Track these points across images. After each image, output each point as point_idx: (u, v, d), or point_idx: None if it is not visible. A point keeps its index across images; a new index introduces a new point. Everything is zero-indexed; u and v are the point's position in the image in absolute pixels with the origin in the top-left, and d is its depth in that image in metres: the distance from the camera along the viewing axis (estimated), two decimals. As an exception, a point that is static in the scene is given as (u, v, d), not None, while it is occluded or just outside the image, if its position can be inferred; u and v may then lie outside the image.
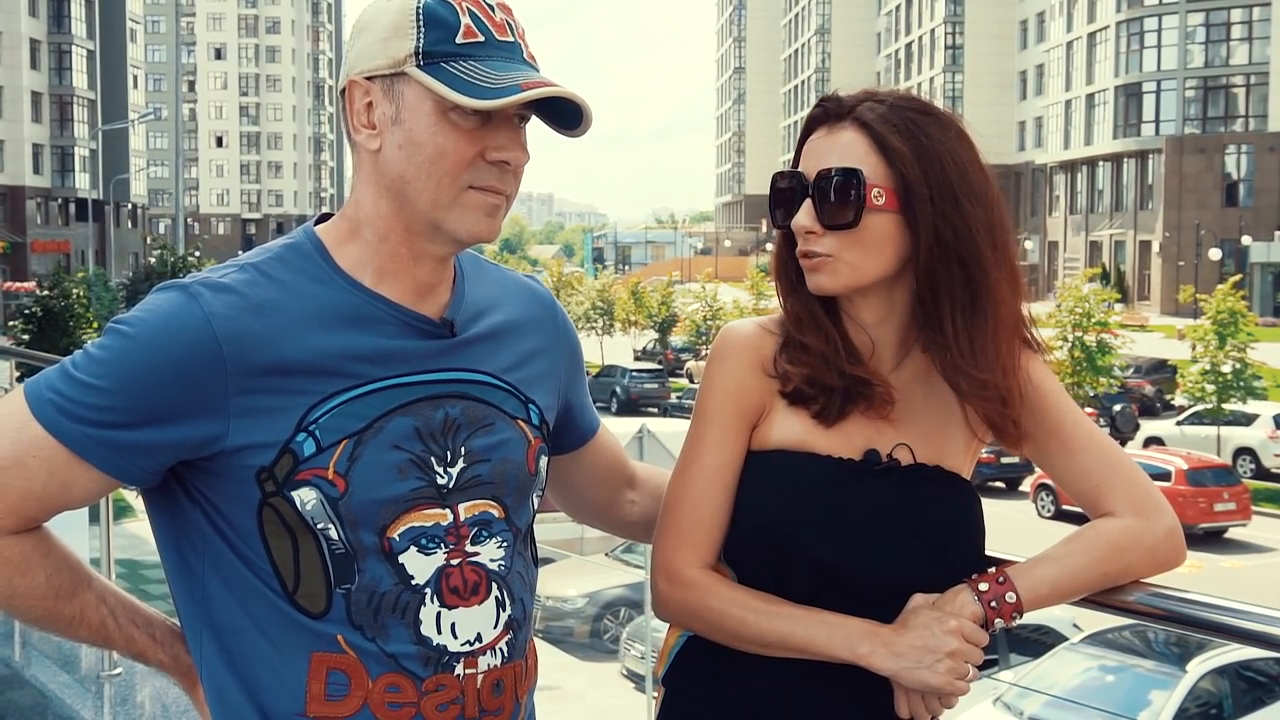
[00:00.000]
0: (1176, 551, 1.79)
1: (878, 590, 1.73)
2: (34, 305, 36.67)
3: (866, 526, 1.74)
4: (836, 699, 1.76)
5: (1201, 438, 31.62)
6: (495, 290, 1.79)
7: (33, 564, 1.60)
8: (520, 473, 1.71)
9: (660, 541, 1.85)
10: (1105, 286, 41.47)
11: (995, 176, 1.81)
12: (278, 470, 1.56)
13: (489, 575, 1.66)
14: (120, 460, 1.54)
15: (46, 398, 1.54)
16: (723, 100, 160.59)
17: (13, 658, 4.94)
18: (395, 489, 1.59)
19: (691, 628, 1.83)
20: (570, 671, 14.48)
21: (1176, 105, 67.86)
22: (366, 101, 1.61)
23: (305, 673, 1.59)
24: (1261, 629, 1.69)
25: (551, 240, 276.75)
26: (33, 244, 71.03)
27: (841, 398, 1.77)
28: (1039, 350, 1.86)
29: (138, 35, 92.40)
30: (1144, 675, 12.28)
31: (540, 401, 1.77)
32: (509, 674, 1.69)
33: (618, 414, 40.35)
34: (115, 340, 1.54)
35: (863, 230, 1.73)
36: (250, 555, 1.59)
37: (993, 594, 1.70)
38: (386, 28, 1.59)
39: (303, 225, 1.71)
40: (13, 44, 71.19)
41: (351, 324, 1.60)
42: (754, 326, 1.86)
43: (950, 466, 1.81)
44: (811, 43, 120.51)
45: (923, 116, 1.75)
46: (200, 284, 1.57)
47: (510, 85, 1.55)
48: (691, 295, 57.70)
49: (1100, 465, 1.81)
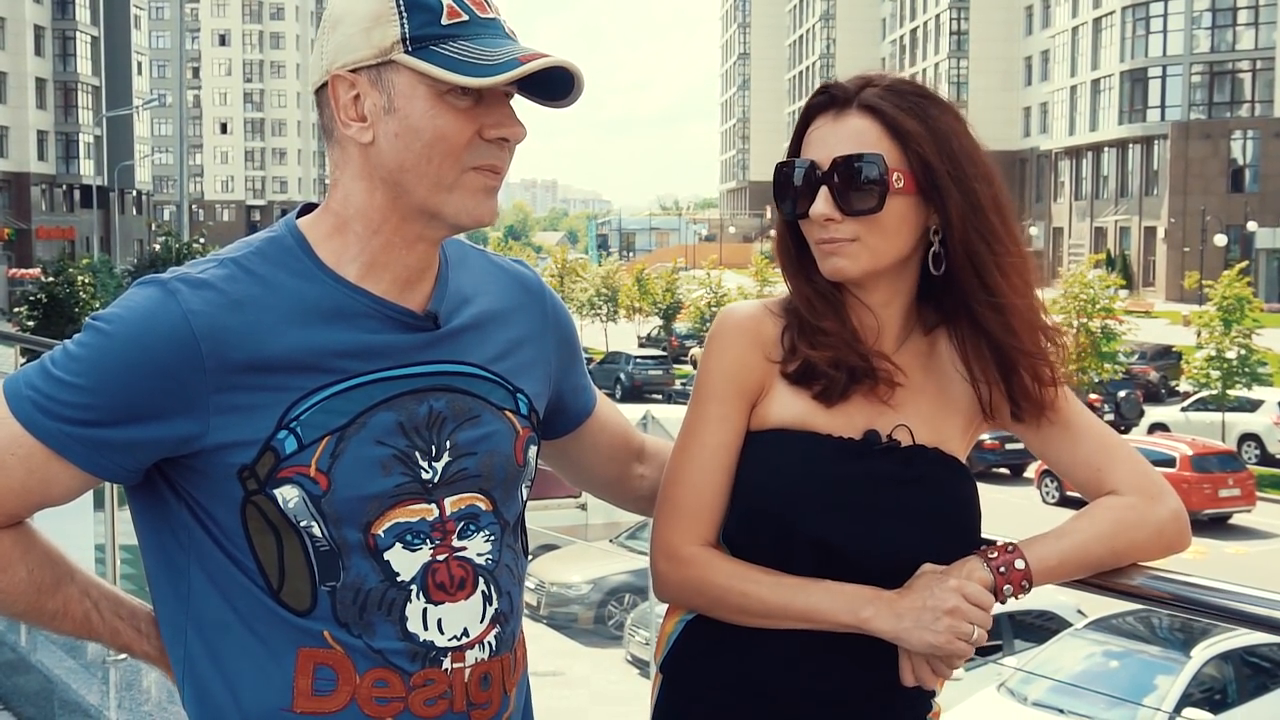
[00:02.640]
0: (1182, 534, 1.80)
1: (877, 569, 1.73)
2: (39, 292, 36.78)
3: (866, 505, 1.75)
4: (836, 682, 1.77)
5: (1206, 424, 31.60)
6: (480, 277, 1.77)
7: (13, 560, 1.61)
8: (508, 465, 1.70)
9: (659, 521, 1.85)
10: (1110, 273, 41.35)
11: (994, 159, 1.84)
12: (259, 468, 1.54)
13: (475, 570, 1.65)
14: (99, 458, 1.54)
15: (25, 395, 1.53)
16: (727, 86, 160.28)
17: (19, 643, 4.95)
18: (379, 485, 1.57)
19: (694, 605, 1.83)
20: (574, 658, 14.49)
21: (1182, 91, 67.67)
22: (353, 94, 1.57)
23: (292, 668, 1.58)
24: (1266, 613, 1.70)
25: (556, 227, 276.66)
26: (37, 230, 71.11)
27: (847, 378, 1.78)
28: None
29: (142, 21, 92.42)
30: (1148, 661, 12.28)
31: (529, 390, 1.76)
32: (496, 667, 1.68)
33: (622, 400, 40.30)
34: (93, 338, 1.53)
35: (884, 214, 1.75)
36: (235, 553, 1.58)
37: (1002, 560, 1.71)
38: (365, 17, 1.56)
39: (284, 218, 1.68)
40: (17, 30, 71.20)
41: (332, 319, 1.58)
42: (754, 307, 1.87)
43: (948, 449, 1.82)
44: (816, 28, 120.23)
45: (924, 99, 1.78)
46: (179, 280, 1.55)
47: (508, 60, 1.53)
48: (696, 282, 57.54)
49: (1102, 452, 1.82)
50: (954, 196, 1.75)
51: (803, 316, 1.82)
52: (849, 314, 1.82)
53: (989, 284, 1.78)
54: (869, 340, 1.81)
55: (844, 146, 1.76)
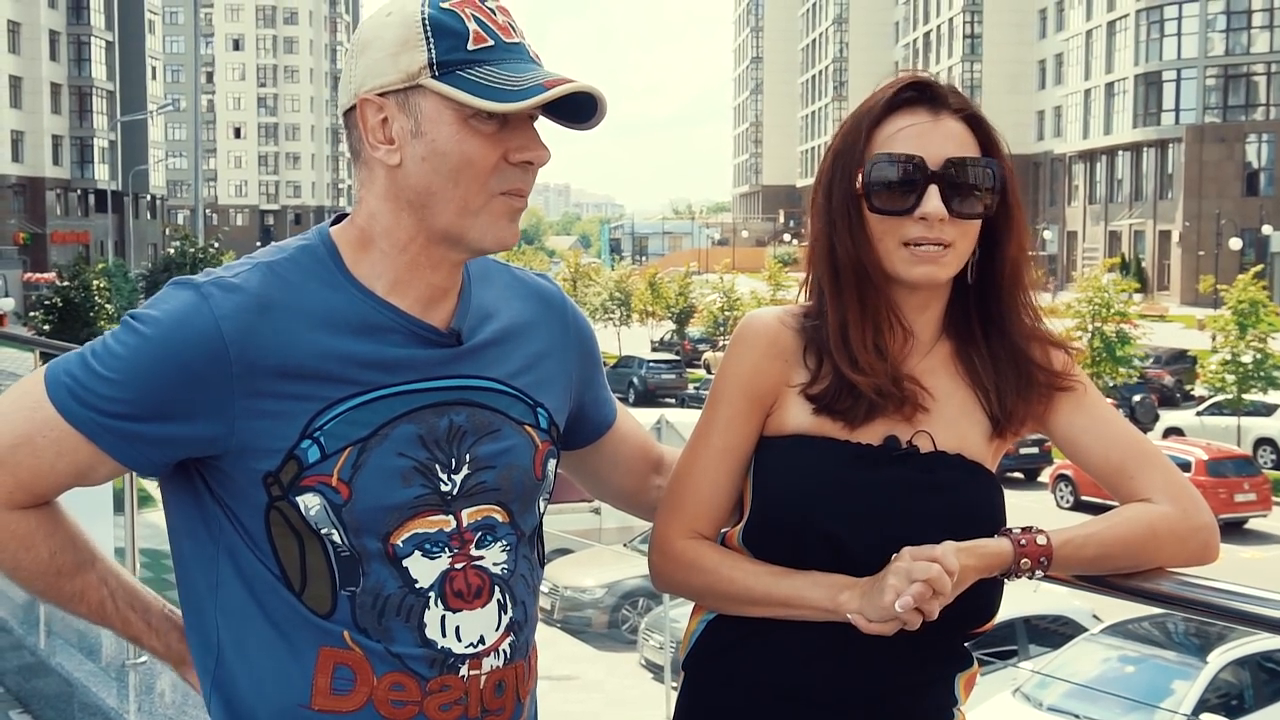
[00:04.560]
0: (1206, 548, 1.78)
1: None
2: (54, 296, 36.89)
3: (884, 511, 1.74)
4: (859, 681, 1.76)
5: (1221, 428, 31.50)
6: (502, 293, 1.79)
7: (37, 540, 1.66)
8: (526, 478, 1.72)
9: (659, 515, 1.89)
10: (1124, 276, 41.25)
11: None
12: (283, 475, 1.58)
13: (492, 579, 1.68)
14: (127, 448, 1.59)
15: (63, 381, 1.58)
16: (740, 90, 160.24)
17: (38, 645, 4.97)
18: (399, 496, 1.61)
19: (684, 594, 1.87)
20: (589, 662, 14.50)
21: (1197, 94, 67.49)
22: (381, 118, 1.60)
23: (312, 666, 1.61)
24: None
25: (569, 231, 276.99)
26: (52, 235, 71.32)
27: (871, 405, 1.77)
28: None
29: (156, 26, 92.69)
30: (1164, 666, 12.24)
31: (549, 404, 1.78)
32: (511, 675, 1.71)
33: (635, 404, 40.34)
34: (129, 336, 1.58)
35: (977, 222, 1.78)
36: (259, 554, 1.61)
37: (1023, 535, 1.70)
38: (393, 42, 1.59)
39: (318, 226, 1.72)
40: (32, 35, 71.46)
41: (359, 331, 1.61)
42: (774, 317, 1.87)
43: (972, 455, 1.81)
44: (829, 32, 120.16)
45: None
46: (213, 284, 1.59)
47: (533, 85, 1.56)
48: (709, 286, 57.60)
49: (1134, 456, 1.81)
50: (1017, 211, 1.81)
51: (834, 336, 1.79)
52: (884, 326, 1.81)
53: (1025, 298, 1.84)
54: (899, 350, 1.81)
55: (950, 148, 1.76)
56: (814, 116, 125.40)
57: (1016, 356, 1.83)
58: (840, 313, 1.80)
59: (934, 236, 1.74)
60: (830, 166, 1.82)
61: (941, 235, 1.74)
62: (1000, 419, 1.83)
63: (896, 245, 1.76)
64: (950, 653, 1.83)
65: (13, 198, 67.80)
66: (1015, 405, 1.82)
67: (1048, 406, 1.84)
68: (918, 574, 1.61)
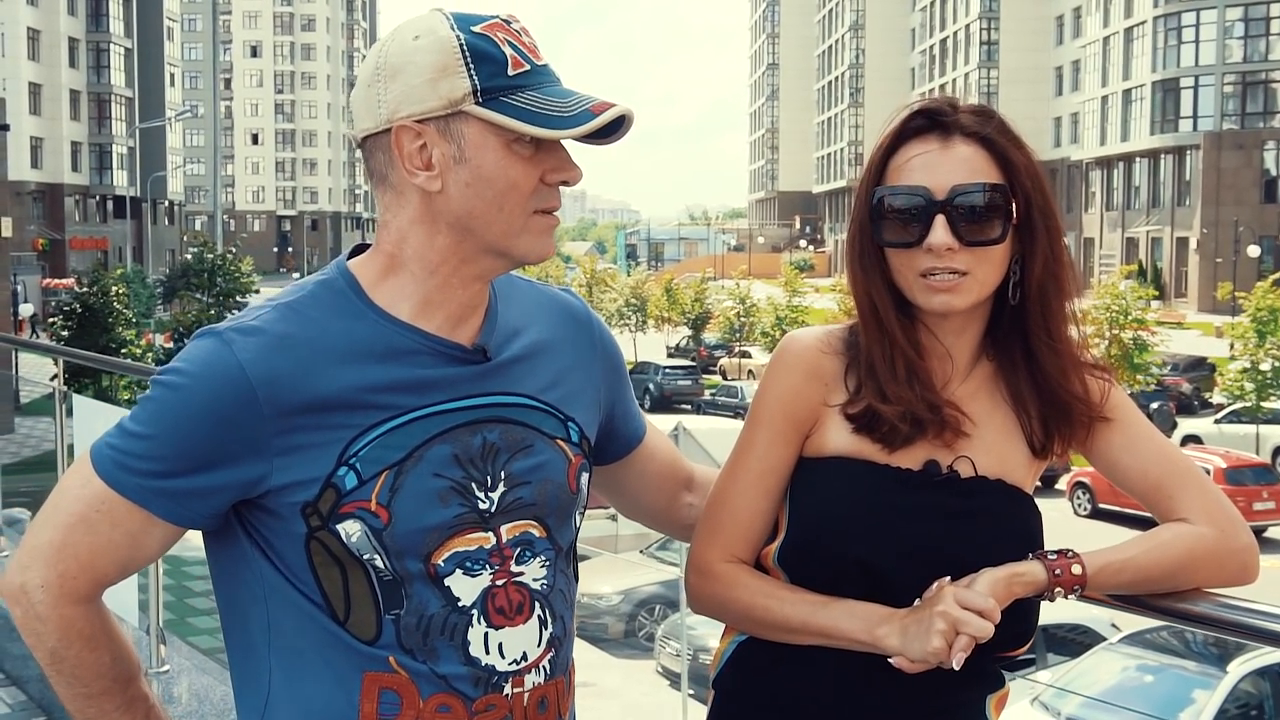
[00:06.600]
0: (1245, 569, 1.76)
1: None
2: (73, 302, 37.04)
3: (922, 537, 1.73)
4: (890, 704, 1.75)
5: (1240, 436, 31.38)
6: (528, 308, 1.79)
7: (100, 642, 1.66)
8: (562, 493, 1.72)
9: (696, 537, 1.88)
10: (1142, 283, 41.20)
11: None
12: (321, 505, 1.58)
13: (532, 595, 1.68)
14: (177, 506, 1.59)
15: (106, 453, 1.60)
16: (756, 97, 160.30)
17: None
18: (438, 516, 1.61)
19: (721, 618, 1.86)
20: (605, 669, 14.49)
21: (1215, 101, 67.26)
22: (419, 144, 1.60)
23: (358, 693, 1.61)
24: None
25: (584, 237, 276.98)
26: (71, 241, 71.66)
27: (911, 428, 1.76)
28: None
29: (174, 33, 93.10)
30: (1183, 676, 12.18)
31: (579, 418, 1.78)
32: (552, 691, 1.71)
33: (651, 411, 40.35)
34: (159, 392, 1.59)
35: (997, 246, 1.74)
36: (301, 586, 1.62)
37: (1059, 563, 1.68)
38: (430, 68, 1.58)
39: (335, 260, 1.72)
40: (51, 42, 71.86)
41: (385, 357, 1.62)
42: (815, 338, 1.85)
43: (1013, 480, 1.79)
44: (845, 38, 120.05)
45: (1015, 132, 1.77)
46: (233, 330, 1.60)
47: (581, 111, 1.58)
48: (725, 292, 57.58)
49: (1172, 474, 1.79)
50: (1042, 232, 1.76)
51: (872, 361, 1.79)
52: (921, 351, 1.79)
53: (1051, 325, 1.79)
54: (938, 375, 1.80)
55: (958, 175, 1.73)
56: (830, 123, 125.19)
57: (1054, 388, 1.79)
58: (869, 343, 1.80)
59: (945, 265, 1.72)
60: (857, 200, 1.82)
61: (953, 264, 1.72)
62: (1038, 447, 1.81)
63: (914, 276, 1.75)
64: (984, 675, 1.82)
65: (32, 204, 68.03)
66: (1053, 434, 1.81)
67: (1088, 432, 1.82)
68: (965, 628, 1.60)
